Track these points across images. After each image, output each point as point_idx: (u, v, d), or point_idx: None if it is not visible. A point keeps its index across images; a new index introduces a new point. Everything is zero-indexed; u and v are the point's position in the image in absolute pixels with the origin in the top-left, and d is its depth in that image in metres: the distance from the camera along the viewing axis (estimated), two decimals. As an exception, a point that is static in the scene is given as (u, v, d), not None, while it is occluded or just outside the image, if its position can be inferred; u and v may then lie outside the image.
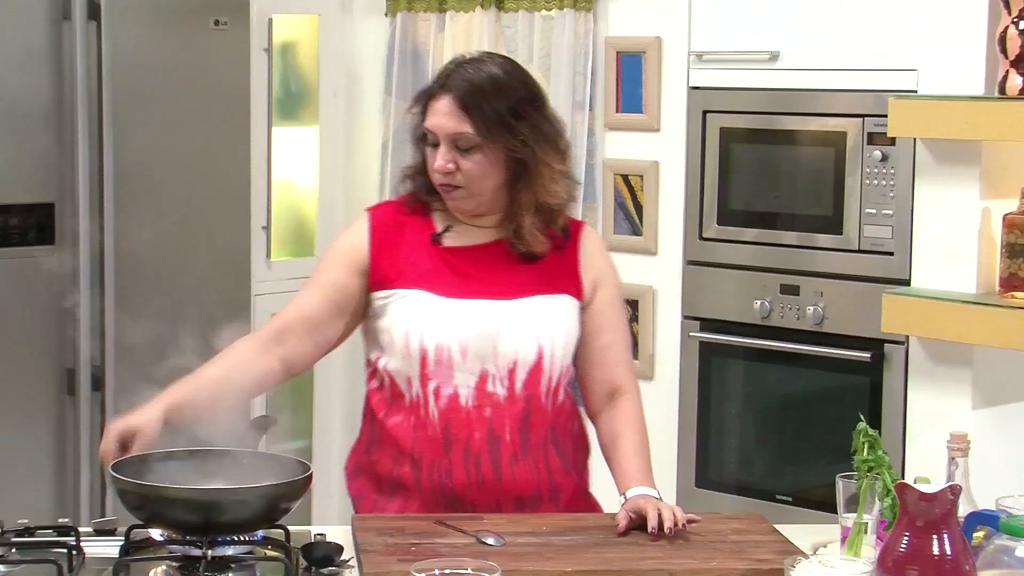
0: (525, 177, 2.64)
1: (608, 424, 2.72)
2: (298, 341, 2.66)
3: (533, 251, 2.67)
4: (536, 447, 2.64)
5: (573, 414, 2.75)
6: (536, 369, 2.63)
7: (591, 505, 2.77)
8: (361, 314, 2.71)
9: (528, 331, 2.63)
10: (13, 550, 2.31)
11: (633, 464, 2.63)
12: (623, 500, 2.55)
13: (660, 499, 2.54)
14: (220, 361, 2.61)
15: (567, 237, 2.72)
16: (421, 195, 2.71)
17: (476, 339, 2.60)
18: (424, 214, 2.71)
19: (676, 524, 2.44)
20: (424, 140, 2.67)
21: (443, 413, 2.60)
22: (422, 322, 2.61)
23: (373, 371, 2.71)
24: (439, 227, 2.69)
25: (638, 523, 2.47)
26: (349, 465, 2.79)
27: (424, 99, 2.66)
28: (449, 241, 2.69)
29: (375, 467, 2.68)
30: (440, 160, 2.60)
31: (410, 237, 2.69)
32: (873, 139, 3.86)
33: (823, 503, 3.08)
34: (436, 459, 2.60)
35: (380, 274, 2.66)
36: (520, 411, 2.62)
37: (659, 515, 2.44)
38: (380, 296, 2.66)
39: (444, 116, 2.60)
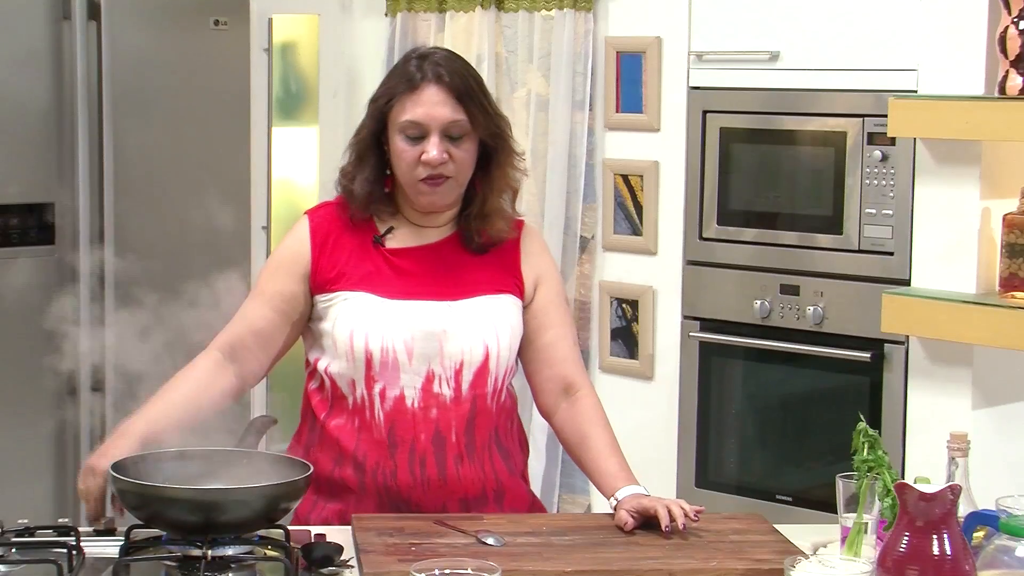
0: (496, 162, 2.64)
1: (571, 423, 2.68)
2: (252, 356, 2.63)
3: (494, 239, 2.66)
4: (482, 447, 2.62)
5: (515, 414, 2.74)
6: (483, 369, 2.61)
7: (536, 505, 2.77)
8: (308, 319, 2.68)
9: (474, 331, 2.61)
10: (13, 550, 2.30)
11: (612, 463, 2.60)
12: (613, 502, 2.53)
13: (649, 495, 2.53)
14: (181, 386, 2.57)
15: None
16: (371, 200, 2.66)
17: (421, 340, 2.58)
18: (366, 215, 2.68)
19: (687, 517, 2.44)
20: (376, 140, 2.63)
21: (388, 415, 2.58)
22: (366, 324, 2.58)
23: (312, 372, 2.68)
24: (380, 229, 2.67)
25: (641, 522, 2.47)
26: None
27: (397, 92, 2.60)
28: (392, 243, 2.66)
29: (314, 468, 2.61)
30: (435, 151, 2.55)
31: (352, 238, 2.66)
32: (873, 139, 3.86)
33: (823, 503, 3.08)
34: (381, 461, 2.58)
35: (322, 276, 2.64)
36: (466, 412, 2.61)
37: (669, 512, 2.44)
38: (323, 299, 2.64)
39: (437, 105, 2.56)
